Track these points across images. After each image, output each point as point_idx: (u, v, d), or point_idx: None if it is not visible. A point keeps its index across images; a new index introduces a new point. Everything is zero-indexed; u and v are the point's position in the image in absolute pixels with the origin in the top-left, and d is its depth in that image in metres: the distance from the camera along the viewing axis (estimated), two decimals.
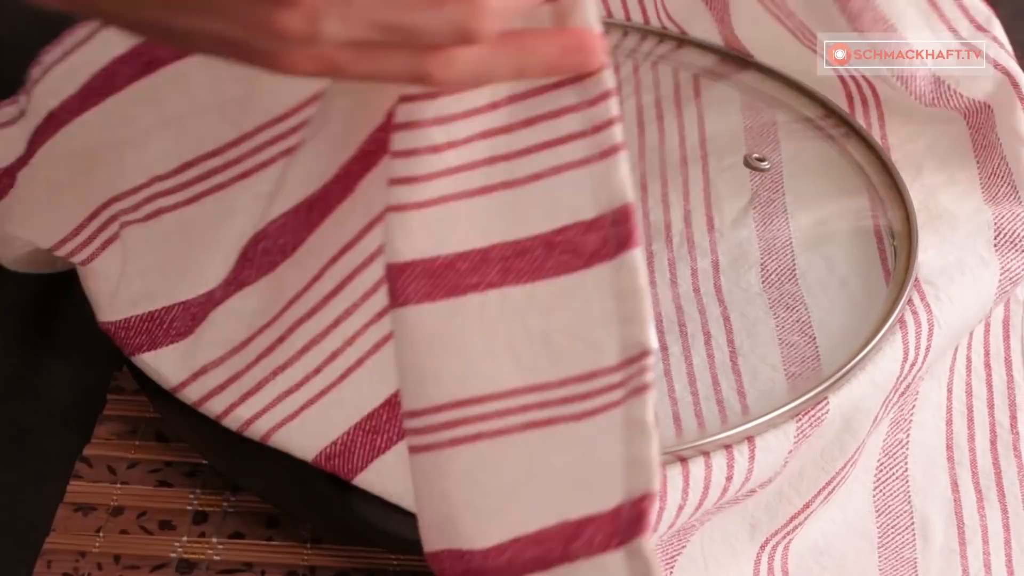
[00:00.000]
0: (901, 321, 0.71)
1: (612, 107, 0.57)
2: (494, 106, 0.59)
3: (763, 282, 0.74)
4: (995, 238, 0.75)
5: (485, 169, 0.59)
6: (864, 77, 0.80)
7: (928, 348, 0.71)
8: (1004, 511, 0.73)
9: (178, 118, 0.72)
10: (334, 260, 0.65)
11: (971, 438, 0.75)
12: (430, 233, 0.59)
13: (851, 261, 0.75)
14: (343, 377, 0.66)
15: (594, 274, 0.58)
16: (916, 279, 0.73)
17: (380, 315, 0.65)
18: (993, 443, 0.75)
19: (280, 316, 0.66)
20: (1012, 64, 0.76)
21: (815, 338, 0.71)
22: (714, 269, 0.75)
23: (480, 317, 0.59)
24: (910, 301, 0.72)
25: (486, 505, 0.58)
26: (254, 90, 0.69)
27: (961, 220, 0.76)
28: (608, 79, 0.57)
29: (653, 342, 0.58)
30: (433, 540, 0.59)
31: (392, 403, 0.65)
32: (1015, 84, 0.76)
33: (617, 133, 0.58)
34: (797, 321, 0.72)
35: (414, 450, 0.59)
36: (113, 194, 0.72)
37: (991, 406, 0.77)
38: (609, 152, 0.58)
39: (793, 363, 0.71)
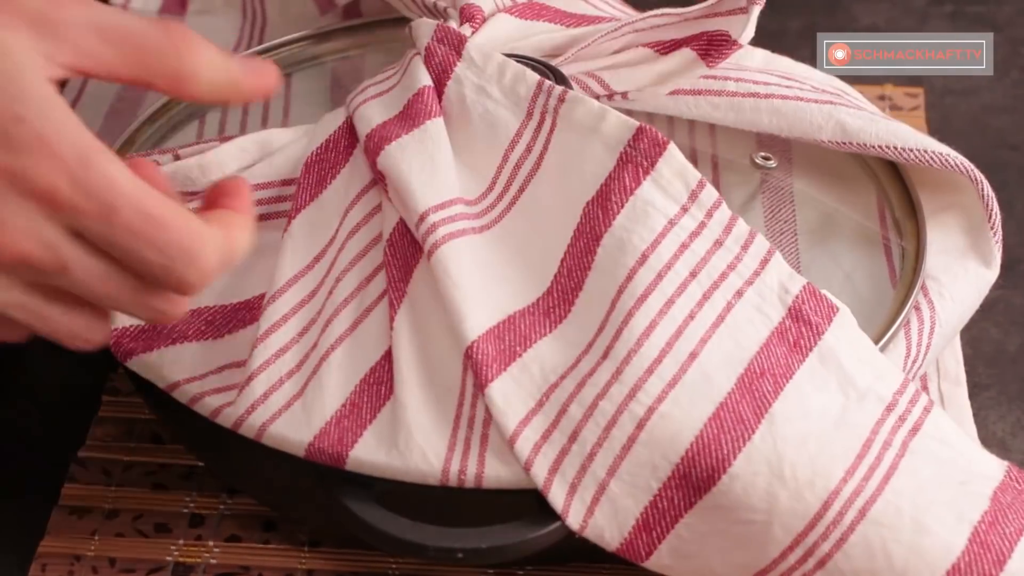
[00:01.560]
0: (906, 320, 0.70)
1: None
2: None
3: None
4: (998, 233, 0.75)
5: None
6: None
7: (928, 346, 0.71)
8: None
9: None
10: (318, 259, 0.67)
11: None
12: None
13: (856, 258, 0.74)
14: (321, 362, 0.66)
15: None
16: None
17: (354, 293, 0.67)
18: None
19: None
20: None
21: None
22: None
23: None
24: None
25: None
26: None
27: (966, 217, 0.75)
28: None
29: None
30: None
31: (368, 381, 0.65)
32: None
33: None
34: None
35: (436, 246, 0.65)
36: None
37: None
38: None
39: None
